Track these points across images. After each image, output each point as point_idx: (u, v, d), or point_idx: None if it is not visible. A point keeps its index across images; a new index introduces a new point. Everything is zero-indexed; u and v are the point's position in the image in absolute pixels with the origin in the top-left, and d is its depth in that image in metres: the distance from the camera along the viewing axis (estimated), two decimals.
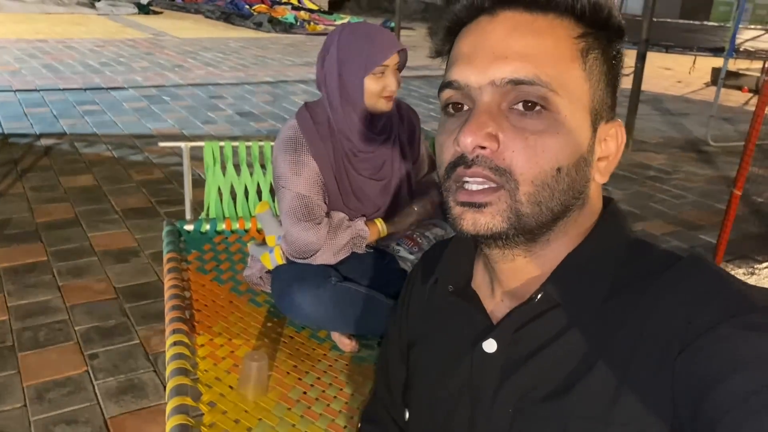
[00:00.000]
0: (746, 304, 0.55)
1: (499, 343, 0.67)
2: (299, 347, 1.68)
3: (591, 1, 0.62)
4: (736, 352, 0.51)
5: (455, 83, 0.64)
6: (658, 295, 0.60)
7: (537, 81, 0.60)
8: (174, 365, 1.43)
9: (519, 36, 0.61)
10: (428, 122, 5.96)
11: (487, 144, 0.60)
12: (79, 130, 5.07)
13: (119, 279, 2.84)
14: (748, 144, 2.60)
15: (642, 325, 0.59)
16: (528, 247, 0.66)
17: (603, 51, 0.64)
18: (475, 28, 0.64)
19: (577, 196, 0.64)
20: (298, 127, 1.72)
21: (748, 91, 8.43)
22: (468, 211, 0.62)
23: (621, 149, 0.68)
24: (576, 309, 0.64)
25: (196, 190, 2.36)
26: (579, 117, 0.63)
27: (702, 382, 0.52)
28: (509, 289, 0.70)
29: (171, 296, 1.72)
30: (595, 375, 0.60)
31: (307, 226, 1.67)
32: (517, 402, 0.64)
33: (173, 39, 10.84)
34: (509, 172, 0.60)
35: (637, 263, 0.65)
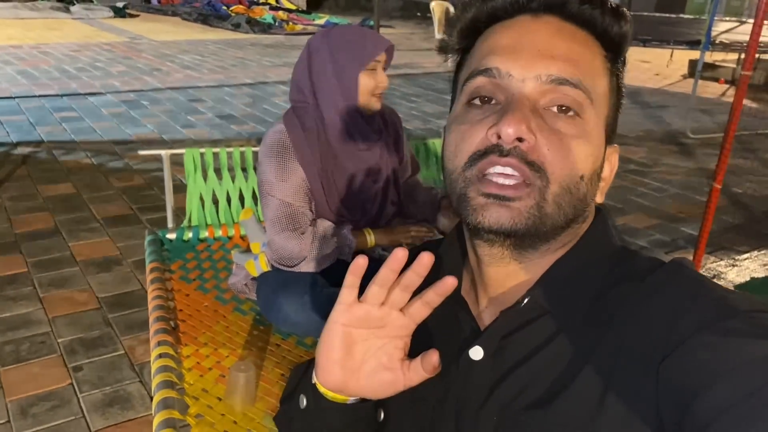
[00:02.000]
0: (728, 309, 0.55)
1: (485, 350, 0.67)
2: (286, 355, 1.66)
3: (622, 30, 0.65)
4: (718, 360, 0.51)
5: (494, 70, 0.63)
6: (641, 302, 0.60)
7: (579, 85, 0.61)
8: (160, 378, 1.41)
9: (564, 39, 0.63)
10: (410, 121, 5.96)
11: (527, 137, 0.60)
12: (57, 138, 5.00)
13: (102, 288, 2.80)
14: (727, 137, 2.63)
15: (626, 333, 0.59)
16: (527, 253, 0.66)
17: (618, 77, 0.67)
18: (516, 25, 0.65)
19: (585, 208, 0.66)
20: (286, 132, 1.70)
21: (724, 83, 8.53)
22: (493, 204, 0.61)
23: (614, 173, 0.70)
24: (562, 316, 0.64)
25: (178, 196, 2.34)
26: (601, 131, 0.64)
27: (686, 390, 0.52)
28: (495, 295, 0.70)
29: (155, 307, 1.70)
30: (580, 383, 0.60)
31: (292, 235, 1.65)
32: (502, 410, 0.64)
33: (150, 42, 10.74)
34: (543, 168, 0.60)
35: (621, 271, 0.65)
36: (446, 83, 7.55)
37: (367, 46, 1.65)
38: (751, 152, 5.30)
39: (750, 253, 3.38)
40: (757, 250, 3.41)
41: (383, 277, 0.60)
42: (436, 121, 6.01)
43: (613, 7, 0.65)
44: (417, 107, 6.60)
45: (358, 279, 0.61)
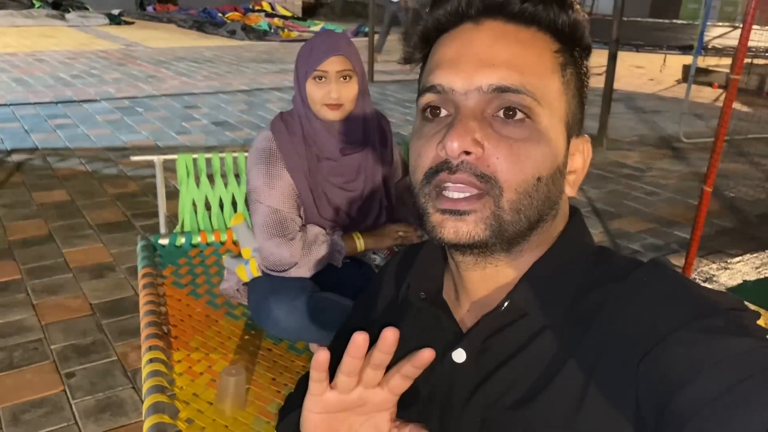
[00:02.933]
0: (706, 307, 0.56)
1: (468, 352, 0.67)
2: (277, 359, 1.67)
3: (571, 18, 0.63)
4: (697, 356, 0.52)
5: (438, 87, 0.64)
6: (620, 301, 0.60)
7: (523, 90, 0.61)
8: (150, 383, 1.41)
9: (505, 45, 0.62)
10: (404, 127, 5.97)
11: (473, 150, 0.60)
12: (51, 145, 5.00)
13: (95, 295, 2.80)
14: (717, 141, 2.64)
15: (605, 331, 0.60)
16: (500, 257, 0.66)
17: (576, 67, 0.66)
18: (459, 35, 0.64)
19: (552, 207, 0.66)
20: (273, 138, 1.71)
21: (718, 87, 8.57)
22: (449, 219, 0.62)
23: (587, 164, 0.70)
24: (542, 316, 0.65)
25: (171, 203, 2.34)
26: (557, 129, 0.64)
27: (665, 387, 0.52)
28: (476, 299, 0.70)
29: (146, 312, 1.71)
30: (560, 382, 0.60)
31: (281, 242, 1.66)
32: (486, 411, 0.65)
33: (146, 49, 10.75)
34: (494, 178, 0.60)
35: (600, 271, 0.66)
36: None
37: (312, 55, 1.64)
38: (744, 156, 5.32)
39: (742, 256, 3.39)
40: (749, 253, 3.42)
41: (348, 366, 0.59)
42: None
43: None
44: (411, 113, 6.62)
45: (322, 374, 0.59)
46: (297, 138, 1.71)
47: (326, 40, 1.68)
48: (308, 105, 1.69)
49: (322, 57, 1.63)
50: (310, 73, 1.65)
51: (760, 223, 3.95)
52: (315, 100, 1.67)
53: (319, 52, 1.64)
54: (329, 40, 1.67)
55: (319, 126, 1.71)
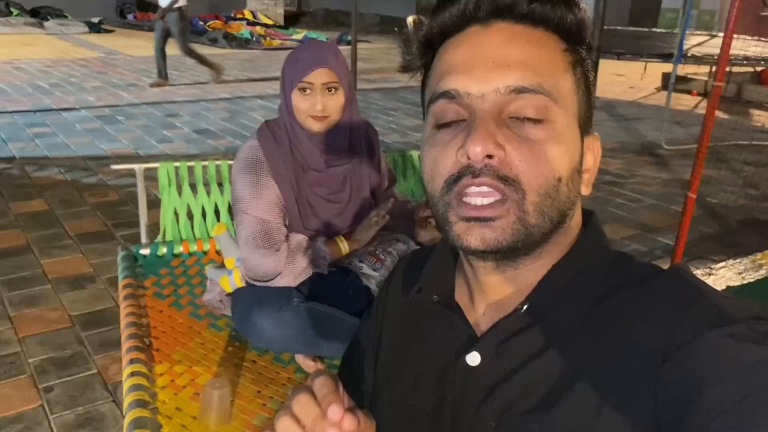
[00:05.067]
0: (728, 314, 0.55)
1: (482, 356, 0.66)
2: (262, 371, 1.63)
3: (578, 18, 0.63)
4: (718, 362, 0.51)
5: (452, 92, 0.62)
6: (640, 306, 0.60)
7: (540, 89, 0.60)
8: (131, 397, 1.37)
9: (517, 45, 0.61)
10: (388, 135, 5.97)
11: (496, 153, 0.59)
12: (30, 154, 4.92)
13: (74, 306, 2.74)
14: (701, 147, 2.66)
15: (625, 337, 0.59)
16: (520, 260, 0.65)
17: (583, 65, 0.66)
18: (467, 38, 0.63)
19: (571, 207, 0.65)
20: (259, 148, 1.68)
21: (697, 95, 8.68)
22: (475, 227, 0.61)
23: (598, 161, 0.70)
24: (561, 321, 0.63)
25: (152, 212, 2.30)
26: (573, 128, 0.63)
27: (685, 393, 0.52)
28: (493, 302, 0.69)
29: (127, 324, 1.67)
30: (579, 388, 0.59)
31: (266, 252, 1.62)
32: (500, 416, 0.63)
33: (126, 57, 10.67)
34: (517, 181, 0.59)
35: (619, 276, 0.65)
36: None
37: (298, 66, 1.62)
38: (724, 162, 5.38)
39: (726, 261, 3.40)
40: (732, 258, 3.44)
41: None
42: (413, 134, 6.02)
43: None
44: (395, 121, 6.62)
45: None
46: (283, 147, 1.68)
47: (313, 51, 1.65)
48: (293, 115, 1.66)
49: (308, 69, 1.61)
50: (296, 84, 1.62)
51: (742, 228, 3.99)
52: (300, 111, 1.65)
53: (305, 63, 1.62)
54: (316, 52, 1.65)
55: (305, 137, 1.69)
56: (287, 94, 1.65)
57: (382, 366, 0.80)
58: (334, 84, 1.64)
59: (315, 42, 1.74)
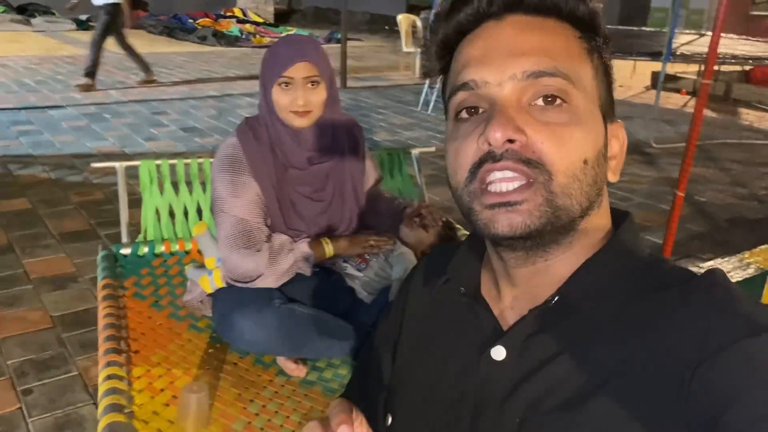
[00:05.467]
0: (763, 322, 0.54)
1: (508, 350, 0.65)
2: (243, 374, 1.60)
3: (589, 8, 0.65)
4: (753, 371, 0.51)
5: (471, 83, 0.63)
6: (674, 310, 0.59)
7: (557, 72, 0.61)
8: (106, 401, 1.34)
9: (531, 34, 0.63)
10: (378, 133, 5.94)
11: (516, 137, 0.59)
12: (13, 152, 4.85)
13: (56, 307, 2.70)
14: (689, 146, 2.65)
15: (657, 340, 0.58)
16: (550, 250, 0.65)
17: (600, 54, 0.67)
18: (483, 33, 0.65)
19: (599, 192, 0.65)
20: (239, 145, 1.65)
21: (686, 94, 8.70)
22: (501, 212, 0.60)
23: (624, 149, 0.70)
24: (592, 317, 0.62)
25: (135, 211, 2.25)
26: (594, 112, 0.64)
27: (720, 398, 0.51)
28: (521, 294, 0.68)
29: (105, 326, 1.63)
30: (609, 388, 0.58)
31: (247, 253, 1.59)
32: (526, 411, 0.62)
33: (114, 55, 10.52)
34: (541, 163, 0.59)
35: (654, 277, 0.64)
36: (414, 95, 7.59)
37: (278, 61, 1.59)
38: (713, 161, 5.38)
39: (714, 260, 3.39)
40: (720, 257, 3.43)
41: None
42: (403, 133, 5.99)
43: None
44: (385, 119, 6.58)
45: None
46: (264, 145, 1.65)
47: (292, 45, 1.62)
48: (274, 112, 1.63)
49: (288, 63, 1.57)
50: (276, 79, 1.59)
51: (731, 227, 3.98)
52: (282, 107, 1.61)
53: (285, 57, 1.58)
54: (295, 46, 1.61)
55: (286, 134, 1.65)
56: (267, 90, 1.62)
57: (403, 357, 0.79)
58: (316, 78, 1.60)
59: (294, 36, 1.71)
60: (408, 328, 0.81)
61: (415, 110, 7.03)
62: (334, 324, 1.61)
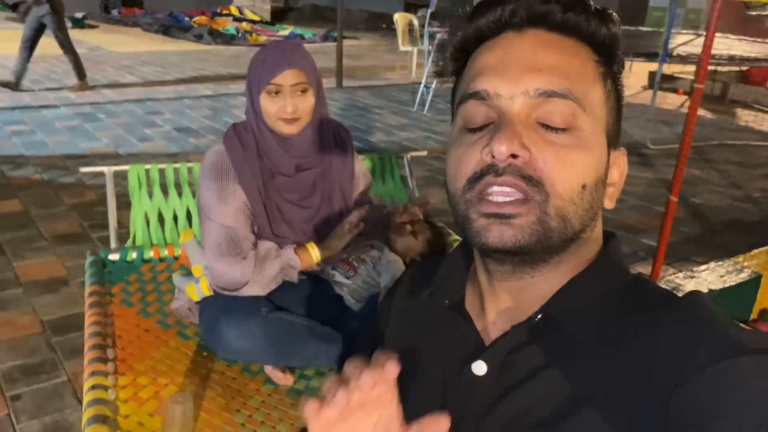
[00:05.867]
0: (742, 344, 0.55)
1: (489, 365, 0.65)
2: (230, 383, 1.58)
3: (611, 32, 0.64)
4: (730, 392, 0.51)
5: (482, 93, 0.63)
6: (655, 330, 0.59)
7: (569, 95, 0.61)
8: (90, 412, 1.32)
9: (550, 52, 0.63)
10: (373, 133, 5.92)
11: (521, 153, 0.59)
12: (6, 152, 4.82)
13: (46, 311, 2.68)
14: (682, 150, 2.63)
15: (637, 359, 0.58)
16: (538, 267, 0.64)
17: (615, 80, 0.67)
18: (501, 43, 0.65)
19: (593, 217, 0.65)
20: (225, 152, 1.63)
21: (683, 94, 8.69)
22: (494, 224, 0.61)
23: (624, 177, 0.70)
24: (574, 335, 0.62)
25: (125, 214, 2.23)
26: (600, 138, 0.64)
27: (695, 421, 0.51)
28: (504, 310, 0.68)
29: (91, 334, 1.61)
30: (589, 406, 0.58)
31: (233, 261, 1.57)
32: (505, 428, 0.62)
33: (109, 53, 10.54)
34: (541, 182, 0.60)
35: (636, 297, 0.64)
36: (410, 95, 7.57)
37: (265, 69, 1.57)
38: (708, 163, 5.38)
39: (708, 264, 3.39)
40: (714, 261, 3.42)
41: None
42: (399, 133, 5.97)
43: (598, 10, 0.64)
44: (380, 119, 6.57)
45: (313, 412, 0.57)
46: (250, 152, 1.63)
47: (279, 52, 1.60)
48: (262, 119, 1.61)
49: (276, 70, 1.56)
50: (264, 86, 1.57)
51: (726, 229, 3.98)
52: (270, 115, 1.60)
53: (272, 65, 1.57)
54: (282, 53, 1.60)
55: (273, 140, 1.64)
56: (254, 97, 1.60)
57: None
58: (304, 85, 1.59)
59: (281, 43, 1.68)
60: (391, 339, 0.80)
61: (411, 110, 7.01)
62: (322, 332, 1.60)
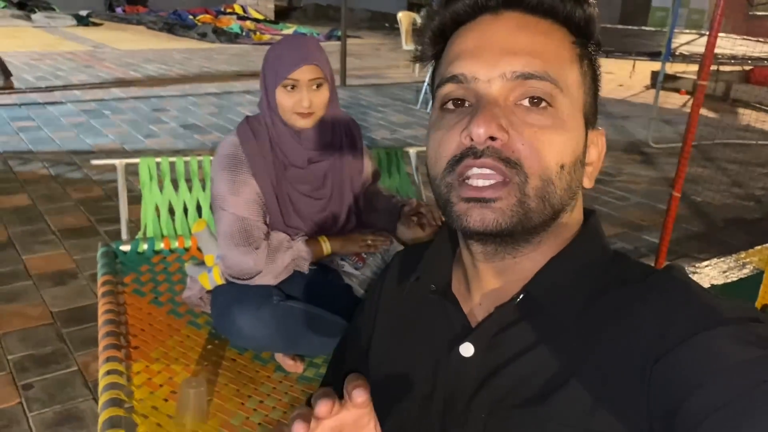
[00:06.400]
0: (719, 315, 0.56)
1: (476, 346, 0.66)
2: (241, 370, 1.62)
3: (586, 13, 0.65)
4: (710, 363, 0.52)
5: (460, 76, 0.64)
6: (635, 306, 0.60)
7: (546, 77, 0.62)
8: (106, 396, 1.35)
9: (526, 34, 0.63)
10: (377, 131, 5.95)
11: (499, 135, 0.60)
12: (13, 148, 4.86)
13: (56, 303, 2.71)
14: (685, 146, 2.66)
15: (618, 334, 0.59)
16: (519, 247, 0.66)
17: (591, 60, 0.68)
18: (478, 26, 0.65)
19: (572, 197, 0.66)
20: (239, 144, 1.67)
21: (685, 93, 8.70)
22: (475, 207, 0.61)
23: (602, 156, 0.71)
24: (556, 314, 0.64)
25: (134, 207, 2.27)
26: (577, 118, 0.65)
27: (676, 392, 0.52)
28: (489, 291, 0.70)
29: (105, 322, 1.64)
30: (574, 383, 0.60)
31: (246, 250, 1.61)
32: (493, 407, 0.63)
33: (114, 51, 10.57)
34: (519, 164, 0.60)
35: (615, 273, 0.65)
36: (413, 93, 7.59)
37: (282, 64, 1.60)
38: (711, 161, 5.40)
39: (710, 260, 3.42)
40: (716, 257, 3.45)
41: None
42: (402, 131, 6.00)
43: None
44: (384, 117, 6.60)
45: None
46: (264, 144, 1.67)
47: (296, 47, 1.63)
48: (276, 112, 1.65)
49: (294, 66, 1.59)
50: (280, 81, 1.60)
51: (727, 227, 4.00)
52: (285, 109, 1.63)
53: (290, 60, 1.59)
54: (300, 48, 1.62)
55: (286, 133, 1.67)
56: (269, 91, 1.63)
57: (376, 354, 0.80)
58: (320, 80, 1.62)
59: (297, 38, 1.71)
60: (381, 325, 0.82)
61: (415, 108, 7.04)
62: (331, 321, 1.63)
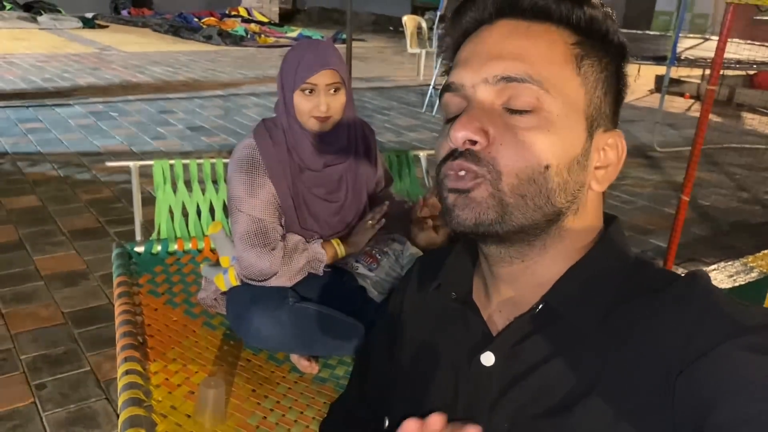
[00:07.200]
0: (745, 324, 0.55)
1: (497, 356, 0.67)
2: (257, 370, 1.63)
3: (587, 14, 0.64)
4: (737, 373, 0.51)
5: (452, 85, 0.66)
6: (658, 315, 0.60)
7: (528, 79, 0.62)
8: (126, 395, 1.37)
9: (513, 39, 0.64)
10: (382, 134, 5.96)
11: (477, 138, 0.61)
12: (22, 149, 4.89)
13: (67, 303, 2.73)
14: (694, 151, 2.67)
15: (642, 344, 0.59)
16: (523, 251, 0.66)
17: (600, 60, 0.65)
18: (476, 37, 0.67)
19: (570, 200, 0.65)
20: (255, 146, 1.68)
21: (690, 98, 8.71)
22: (459, 198, 0.63)
23: (622, 159, 0.69)
24: (577, 323, 0.64)
25: (147, 209, 2.29)
26: (573, 119, 0.63)
27: (703, 403, 0.52)
28: (506, 297, 0.70)
29: (122, 322, 1.66)
30: (596, 394, 0.59)
31: (262, 251, 1.62)
32: (515, 417, 0.63)
33: (120, 53, 10.61)
34: (491, 164, 0.61)
35: (637, 281, 0.65)
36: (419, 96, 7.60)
37: (301, 68, 1.61)
38: (716, 165, 5.41)
39: (717, 264, 3.43)
40: (723, 261, 3.46)
41: None
42: (408, 134, 6.02)
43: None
44: (389, 120, 6.62)
45: None
46: (280, 147, 1.68)
47: (316, 52, 1.64)
48: (293, 115, 1.66)
49: (312, 71, 1.60)
50: (299, 85, 1.62)
51: (734, 231, 4.01)
52: (303, 112, 1.64)
53: (309, 64, 1.61)
54: (319, 52, 1.64)
55: (303, 136, 1.69)
56: (287, 95, 1.65)
57: (398, 361, 0.81)
58: (337, 84, 1.64)
59: (315, 42, 1.73)
60: (403, 332, 0.82)
61: (420, 111, 7.05)
62: (346, 322, 1.65)
